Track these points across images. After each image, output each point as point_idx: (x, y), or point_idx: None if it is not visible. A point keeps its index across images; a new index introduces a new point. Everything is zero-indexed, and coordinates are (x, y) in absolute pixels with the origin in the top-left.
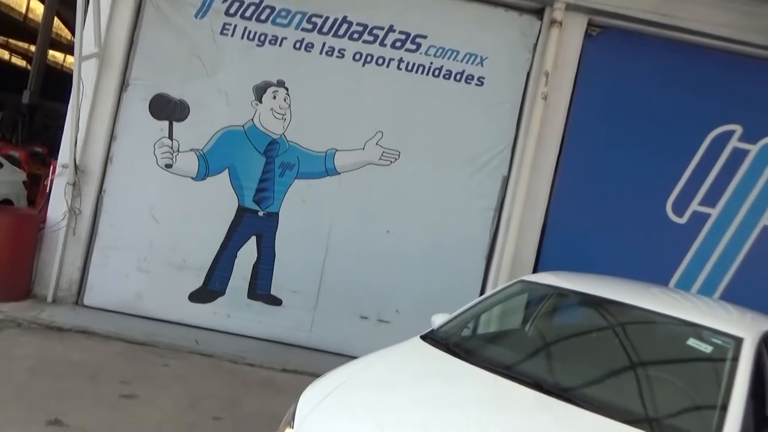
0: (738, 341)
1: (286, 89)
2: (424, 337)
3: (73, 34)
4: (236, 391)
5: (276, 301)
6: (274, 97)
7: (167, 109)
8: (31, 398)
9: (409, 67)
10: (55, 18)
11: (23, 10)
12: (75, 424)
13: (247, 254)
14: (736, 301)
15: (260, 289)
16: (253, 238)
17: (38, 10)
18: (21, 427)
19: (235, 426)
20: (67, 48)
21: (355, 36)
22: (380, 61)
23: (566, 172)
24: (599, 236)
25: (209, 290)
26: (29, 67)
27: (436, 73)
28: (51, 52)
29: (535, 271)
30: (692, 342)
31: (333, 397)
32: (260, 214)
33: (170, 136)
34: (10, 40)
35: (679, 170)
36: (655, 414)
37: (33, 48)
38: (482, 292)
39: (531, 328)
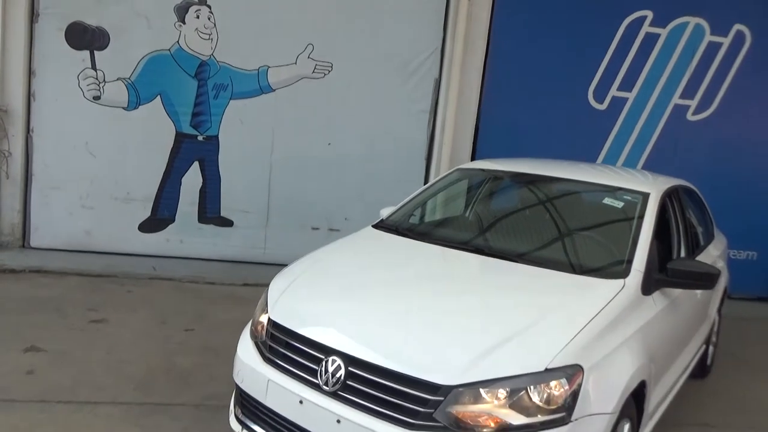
0: (645, 196)
1: (209, 7)
2: (375, 226)
3: None
4: (202, 306)
5: (227, 223)
6: (198, 17)
7: (85, 37)
8: (2, 332)
9: None
10: None
11: None
12: (52, 348)
13: (192, 179)
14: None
15: (210, 212)
16: (196, 163)
17: None
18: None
19: (208, 334)
20: None
21: None
22: None
23: (494, 69)
24: (529, 128)
25: (158, 219)
26: None
27: None
28: None
29: None
30: (607, 200)
31: (298, 281)
32: (199, 138)
33: (93, 67)
34: None
35: (597, 59)
36: (578, 260)
37: None
38: None
39: (473, 208)
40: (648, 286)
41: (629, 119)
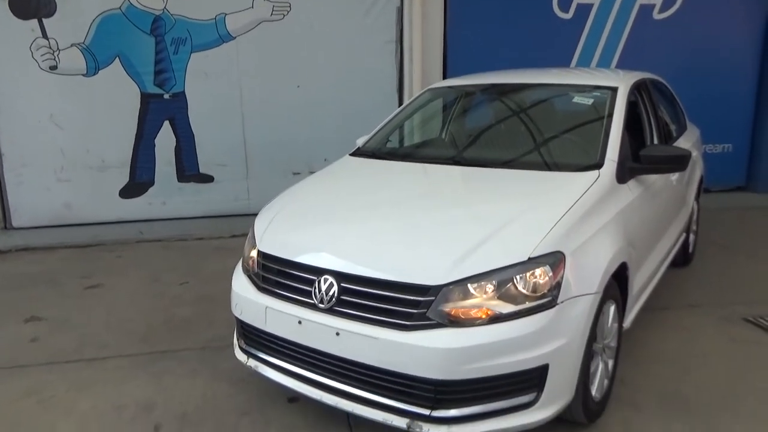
0: (614, 90)
1: None
2: (352, 154)
3: None
4: (193, 261)
5: (207, 179)
6: None
7: (31, 6)
8: None
9: None
10: None
11: None
12: (52, 316)
13: (166, 139)
14: None
15: (188, 170)
16: (167, 123)
17: None
18: (1, 329)
19: (202, 285)
20: None
21: None
22: None
23: None
24: (498, 46)
25: (137, 183)
26: None
27: None
28: None
29: None
30: (577, 99)
31: (283, 213)
32: (166, 96)
33: (44, 35)
34: None
35: None
36: (553, 159)
37: None
38: None
39: (449, 125)
40: (622, 175)
41: (596, 25)
